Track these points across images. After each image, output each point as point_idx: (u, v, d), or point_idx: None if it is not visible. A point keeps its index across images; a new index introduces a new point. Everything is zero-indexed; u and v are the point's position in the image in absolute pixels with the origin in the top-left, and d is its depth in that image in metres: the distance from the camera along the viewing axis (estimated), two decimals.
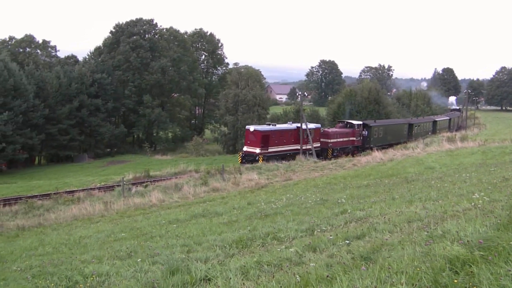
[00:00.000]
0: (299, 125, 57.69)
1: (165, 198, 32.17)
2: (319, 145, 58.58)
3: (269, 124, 57.68)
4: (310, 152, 55.12)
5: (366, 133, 65.17)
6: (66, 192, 37.89)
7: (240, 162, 51.80)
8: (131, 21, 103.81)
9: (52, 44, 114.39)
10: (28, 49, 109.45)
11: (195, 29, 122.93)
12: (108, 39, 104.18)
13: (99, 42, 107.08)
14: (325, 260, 7.94)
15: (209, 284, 7.73)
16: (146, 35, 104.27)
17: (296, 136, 56.19)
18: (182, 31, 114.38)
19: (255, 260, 8.61)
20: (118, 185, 38.16)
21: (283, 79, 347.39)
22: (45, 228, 25.34)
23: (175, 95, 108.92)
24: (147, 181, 42.00)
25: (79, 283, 9.39)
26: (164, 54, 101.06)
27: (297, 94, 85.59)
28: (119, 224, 23.20)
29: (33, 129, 77.98)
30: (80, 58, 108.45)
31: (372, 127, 66.04)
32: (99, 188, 39.43)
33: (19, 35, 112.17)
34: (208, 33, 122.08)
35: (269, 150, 52.60)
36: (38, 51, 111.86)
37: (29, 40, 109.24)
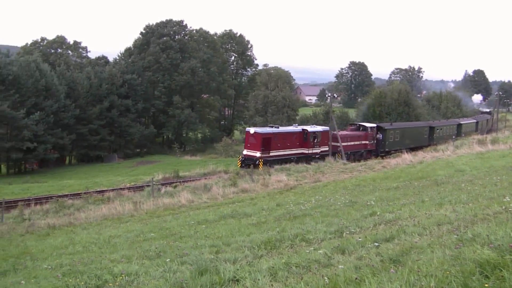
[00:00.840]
0: (305, 127, 55.89)
1: (194, 199, 32.22)
2: (327, 149, 55.95)
3: (272, 126, 54.46)
4: (321, 154, 54.17)
5: (381, 136, 62.72)
6: (96, 191, 38.20)
7: (240, 166, 48.96)
8: (161, 22, 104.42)
9: (83, 45, 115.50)
10: (59, 50, 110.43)
11: (225, 30, 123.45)
12: (138, 40, 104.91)
13: (129, 43, 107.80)
14: (353, 262, 7.93)
15: (238, 285, 7.74)
16: (176, 36, 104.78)
17: (301, 139, 53.51)
18: (211, 32, 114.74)
19: (283, 262, 8.62)
20: (147, 185, 38.34)
21: (312, 80, 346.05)
22: (75, 227, 25.55)
23: (205, 96, 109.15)
24: (176, 182, 42.13)
25: (109, 282, 9.47)
26: (194, 55, 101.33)
27: (327, 96, 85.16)
28: (149, 224, 23.32)
29: (64, 129, 78.87)
30: (111, 59, 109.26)
31: (387, 130, 63.27)
32: (128, 188, 39.67)
33: (50, 36, 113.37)
34: (238, 34, 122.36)
35: (271, 154, 49.67)
36: (69, 52, 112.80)
37: (60, 41, 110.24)
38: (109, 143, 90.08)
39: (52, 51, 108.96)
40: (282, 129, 54.43)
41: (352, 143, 58.60)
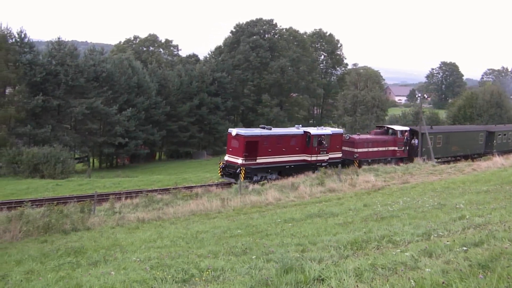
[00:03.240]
0: (307, 129, 45.67)
1: (281, 197, 32.20)
2: (340, 155, 47.04)
3: (264, 128, 43.97)
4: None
5: (417, 142, 53.01)
6: (184, 187, 38.67)
7: (220, 175, 42.57)
8: (251, 21, 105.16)
9: (174, 43, 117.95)
10: (151, 48, 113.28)
11: (315, 30, 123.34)
12: (228, 38, 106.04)
13: (220, 43, 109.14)
14: (441, 266, 7.80)
15: (323, 284, 7.68)
16: (266, 35, 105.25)
17: (303, 143, 44.37)
18: (301, 31, 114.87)
19: (369, 263, 8.56)
20: (235, 183, 38.64)
21: (402, 81, 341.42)
22: (164, 222, 25.94)
23: (294, 94, 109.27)
24: (264, 180, 42.20)
25: (195, 277, 9.55)
26: (284, 54, 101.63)
27: (417, 96, 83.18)
28: (235, 221, 23.45)
29: (155, 125, 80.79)
30: (201, 58, 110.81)
31: (424, 134, 53.02)
32: (216, 185, 39.99)
33: (143, 35, 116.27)
34: (328, 34, 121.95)
35: (258, 161, 41.43)
36: (161, 50, 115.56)
37: (152, 39, 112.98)
38: (199, 140, 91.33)
39: (144, 49, 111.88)
40: (276, 131, 45.29)
41: (374, 149, 49.64)
